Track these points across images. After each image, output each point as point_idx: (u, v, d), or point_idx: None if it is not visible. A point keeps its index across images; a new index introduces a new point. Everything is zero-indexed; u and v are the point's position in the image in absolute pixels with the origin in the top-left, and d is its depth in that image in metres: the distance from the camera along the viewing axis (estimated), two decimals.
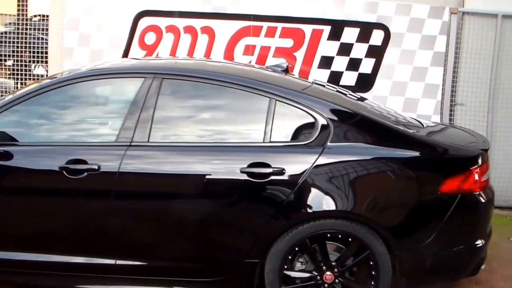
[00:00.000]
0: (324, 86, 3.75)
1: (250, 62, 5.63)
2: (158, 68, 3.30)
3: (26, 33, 6.04)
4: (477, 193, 3.20)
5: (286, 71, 3.79)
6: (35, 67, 6.24)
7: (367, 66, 5.67)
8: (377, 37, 5.63)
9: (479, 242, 3.26)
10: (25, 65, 6.10)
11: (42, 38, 6.13)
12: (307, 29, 5.65)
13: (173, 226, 3.09)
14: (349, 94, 3.66)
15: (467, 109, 5.68)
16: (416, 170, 3.14)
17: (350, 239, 3.04)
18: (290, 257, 3.07)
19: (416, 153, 3.16)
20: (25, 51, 6.05)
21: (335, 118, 3.13)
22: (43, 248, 3.14)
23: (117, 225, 3.08)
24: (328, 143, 3.08)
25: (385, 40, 5.62)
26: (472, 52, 5.59)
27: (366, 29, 5.62)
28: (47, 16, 6.11)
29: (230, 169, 3.03)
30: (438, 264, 3.18)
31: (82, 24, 5.70)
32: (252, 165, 3.01)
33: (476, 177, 3.18)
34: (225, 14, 5.66)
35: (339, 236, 3.05)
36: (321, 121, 3.11)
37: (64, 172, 3.02)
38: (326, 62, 5.67)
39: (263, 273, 3.10)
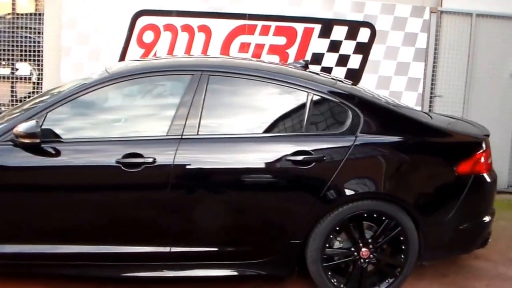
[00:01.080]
0: (342, 81, 4.06)
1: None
2: (204, 65, 3.51)
3: (13, 32, 6.02)
4: (485, 174, 3.62)
5: (306, 67, 4.09)
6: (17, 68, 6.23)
7: (354, 62, 6.06)
8: (363, 34, 6.02)
9: (487, 218, 3.69)
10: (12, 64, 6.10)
11: (28, 37, 6.12)
12: (299, 27, 5.97)
13: (227, 213, 3.32)
14: (367, 89, 4.00)
15: (445, 100, 6.18)
16: (437, 154, 3.53)
17: (383, 218, 3.39)
18: (331, 236, 3.38)
19: (437, 140, 3.56)
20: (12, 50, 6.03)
21: (365, 110, 3.46)
22: (97, 240, 3.28)
23: (173, 214, 3.27)
24: (359, 132, 3.41)
25: (371, 37, 6.03)
26: (450, 48, 6.10)
27: (353, 27, 6.00)
28: (34, 14, 6.12)
29: (277, 157, 3.30)
30: (456, 238, 3.59)
31: (80, 22, 5.77)
32: (296, 153, 3.29)
33: (483, 160, 3.60)
34: (221, 13, 5.88)
35: (374, 215, 3.39)
36: (353, 112, 3.43)
37: (121, 166, 3.19)
38: (317, 58, 6.01)
39: (304, 252, 3.40)
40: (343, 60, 6.04)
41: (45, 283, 3.48)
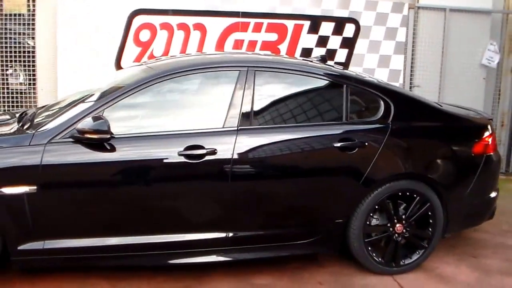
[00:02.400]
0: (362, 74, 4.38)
1: None
2: (250, 61, 3.71)
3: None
4: (492, 154, 4.08)
5: (324, 61, 4.39)
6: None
7: (341, 55, 6.42)
8: (349, 30, 6.40)
9: (494, 194, 4.16)
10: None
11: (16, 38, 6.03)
12: (290, 24, 6.25)
13: (281, 198, 3.57)
14: (385, 82, 4.35)
15: (422, 89, 6.66)
16: (456, 137, 3.95)
17: (415, 195, 3.76)
18: (371, 215, 3.71)
19: (455, 125, 3.99)
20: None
21: (395, 99, 3.82)
22: (158, 230, 3.43)
23: (232, 202, 3.47)
24: (391, 120, 3.75)
25: (356, 32, 6.41)
26: (426, 41, 6.59)
27: (339, 23, 6.36)
28: (20, 15, 6.03)
29: (325, 145, 3.59)
30: (472, 211, 4.03)
31: (77, 22, 5.74)
32: (341, 140, 3.60)
33: (490, 141, 4.06)
34: (215, 11, 6.04)
35: (407, 194, 3.75)
36: (384, 101, 3.78)
37: (184, 158, 3.35)
38: (306, 53, 6.30)
39: (346, 231, 3.71)
40: (330, 54, 6.36)
41: (101, 275, 3.60)
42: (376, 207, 3.71)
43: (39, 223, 3.27)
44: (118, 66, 5.94)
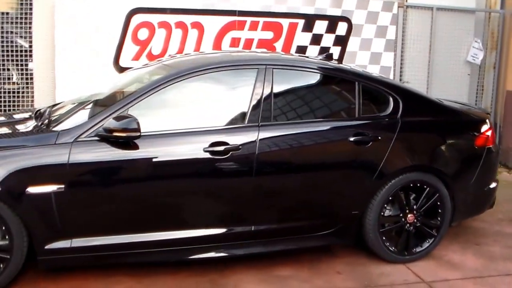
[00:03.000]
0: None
1: None
2: (268, 59, 3.82)
3: None
4: (492, 146, 4.30)
5: (330, 58, 4.53)
6: None
7: (334, 53, 6.54)
8: (342, 28, 6.57)
9: (494, 184, 4.38)
10: None
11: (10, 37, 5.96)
12: (285, 22, 6.38)
13: (302, 191, 3.69)
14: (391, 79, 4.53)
15: (411, 85, 6.80)
16: (461, 131, 4.16)
17: (425, 186, 3.94)
18: (385, 206, 3.87)
19: (460, 119, 4.20)
20: None
21: (402, 96, 3.99)
22: (184, 226, 3.50)
23: (256, 196, 3.57)
24: (400, 115, 3.92)
25: (348, 30, 6.58)
26: (414, 39, 6.83)
27: (333, 21, 6.52)
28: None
29: (341, 139, 3.74)
30: (475, 201, 4.24)
31: (75, 21, 5.72)
32: (355, 134, 3.74)
33: (490, 134, 4.28)
34: (212, 10, 6.12)
35: (418, 185, 3.93)
36: (394, 98, 3.95)
37: (209, 154, 3.43)
38: (301, 51, 6.45)
39: (361, 222, 3.86)
40: (324, 52, 6.49)
41: (124, 273, 3.65)
42: (390, 198, 3.87)
43: (67, 221, 3.30)
44: (117, 64, 5.95)
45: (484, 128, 4.23)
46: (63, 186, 3.23)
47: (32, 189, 3.20)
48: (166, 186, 3.45)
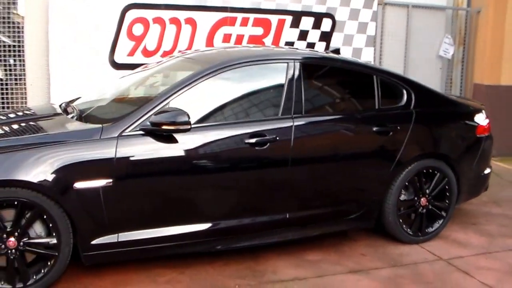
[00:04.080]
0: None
1: None
2: (295, 54, 4.00)
3: None
4: (488, 135, 4.69)
5: (338, 53, 4.78)
6: None
7: (319, 48, 6.84)
8: (326, 24, 6.84)
9: (489, 170, 4.78)
10: None
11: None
12: (274, 19, 6.58)
13: (332, 179, 3.92)
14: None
15: None
16: (465, 121, 4.51)
17: (436, 172, 4.26)
18: (401, 191, 4.16)
19: (462, 110, 4.56)
20: None
21: (414, 88, 4.31)
22: (223, 216, 3.63)
23: (292, 185, 3.75)
24: (413, 106, 4.23)
25: (332, 27, 6.86)
26: (392, 35, 7.22)
27: (318, 18, 6.78)
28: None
29: (366, 130, 3.99)
30: (475, 184, 4.62)
31: (69, 17, 5.65)
32: (378, 125, 4.00)
33: (487, 124, 4.67)
34: (205, 6, 6.22)
35: (430, 171, 4.24)
36: (407, 90, 4.25)
37: (250, 146, 3.58)
38: (289, 46, 6.67)
39: (382, 206, 4.13)
40: (310, 47, 6.78)
41: (163, 265, 3.73)
42: (406, 184, 4.17)
43: (114, 216, 3.35)
44: (112, 60, 5.93)
45: (483, 118, 4.61)
46: (111, 180, 3.27)
47: (80, 185, 3.23)
48: (209, 178, 3.56)
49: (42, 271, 3.26)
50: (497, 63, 7.24)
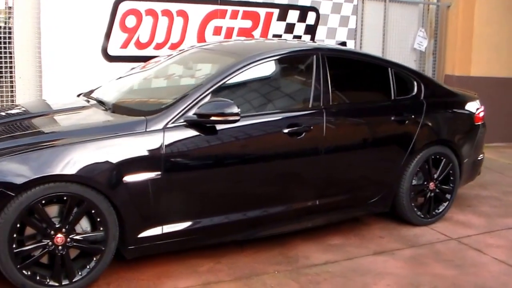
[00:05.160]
0: None
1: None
2: (320, 48, 4.13)
3: None
4: (483, 123, 5.02)
5: (344, 45, 4.96)
6: None
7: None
8: (311, 18, 7.01)
9: (482, 155, 5.12)
10: None
11: None
12: (262, 12, 6.67)
13: (358, 166, 4.10)
14: None
15: None
16: (466, 110, 4.81)
17: (442, 158, 4.54)
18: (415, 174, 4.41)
19: (464, 100, 4.85)
20: None
21: (423, 80, 4.58)
22: (261, 204, 3.73)
23: (323, 173, 3.90)
24: (423, 97, 4.48)
25: (316, 20, 7.04)
26: (371, 28, 7.49)
27: (303, 11, 6.94)
28: None
29: (387, 120, 4.22)
30: (472, 169, 4.94)
31: (62, 9, 5.50)
32: (396, 115, 4.22)
33: (482, 112, 4.99)
34: None
35: (437, 156, 4.51)
36: (417, 81, 4.50)
37: (287, 136, 3.68)
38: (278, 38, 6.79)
39: (396, 190, 4.35)
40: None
41: (197, 255, 3.78)
42: (418, 169, 4.41)
43: (161, 208, 3.36)
44: (105, 52, 5.83)
45: (478, 107, 4.94)
46: (159, 173, 3.29)
47: (129, 178, 3.22)
48: (250, 168, 3.65)
49: (88, 266, 3.23)
50: (467, 56, 7.69)
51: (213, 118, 3.35)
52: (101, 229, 3.21)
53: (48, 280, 3.13)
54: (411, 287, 3.48)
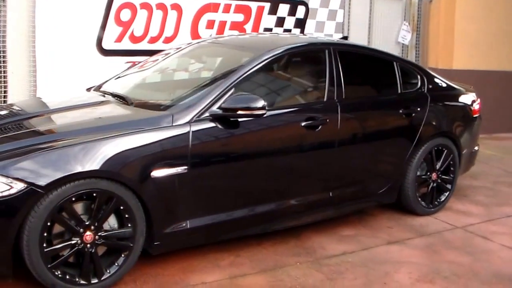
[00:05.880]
0: None
1: (210, 35, 6.38)
2: (331, 42, 4.20)
3: None
4: (479, 115, 5.20)
5: (346, 38, 5.04)
6: None
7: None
8: (301, 12, 7.07)
9: (477, 147, 5.31)
10: None
11: None
12: (253, 5, 6.68)
13: (369, 158, 4.20)
14: None
15: None
16: (465, 103, 4.96)
17: (444, 149, 4.68)
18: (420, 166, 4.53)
19: (463, 93, 5.00)
20: None
21: (425, 73, 4.70)
22: (279, 197, 3.77)
23: (338, 165, 3.97)
24: (426, 90, 4.61)
25: (306, 14, 7.11)
26: (357, 22, 7.61)
27: (293, 5, 6.99)
28: None
29: (396, 112, 4.30)
30: (468, 160, 5.11)
31: (56, 3, 5.37)
32: (404, 108, 4.33)
33: (478, 105, 5.16)
34: None
35: (439, 148, 4.64)
36: (420, 75, 4.62)
37: (305, 129, 3.73)
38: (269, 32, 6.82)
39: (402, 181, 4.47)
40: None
41: (218, 249, 3.79)
42: (422, 160, 4.54)
43: (187, 203, 3.36)
44: (100, 46, 5.73)
45: (475, 99, 5.11)
46: (186, 167, 3.28)
47: (157, 173, 3.20)
48: (273, 161, 3.68)
49: (116, 264, 3.20)
50: (449, 49, 7.91)
51: (240, 112, 3.36)
52: (129, 225, 3.18)
53: (77, 279, 3.08)
54: (432, 275, 3.60)
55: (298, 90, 3.96)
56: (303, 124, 3.73)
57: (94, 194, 3.04)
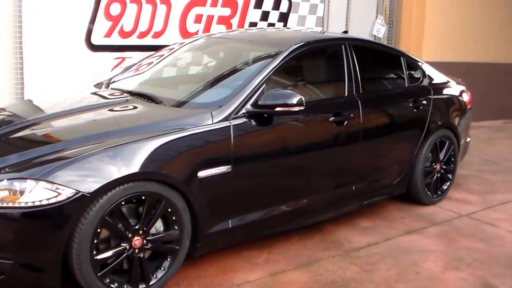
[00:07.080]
0: None
1: (197, 31, 6.31)
2: (344, 38, 4.25)
3: None
4: (470, 107, 5.43)
5: (346, 33, 5.13)
6: None
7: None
8: (284, 6, 7.08)
9: (469, 138, 5.56)
10: None
11: None
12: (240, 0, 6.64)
13: (388, 150, 4.33)
14: None
15: None
16: (460, 95, 5.17)
17: (446, 140, 4.86)
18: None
19: (458, 85, 5.20)
20: None
21: (426, 68, 4.85)
22: (312, 192, 3.82)
23: (361, 158, 4.05)
24: (428, 84, 4.78)
25: (289, 8, 7.13)
26: (335, 16, 7.71)
27: (277, 0, 7.00)
28: None
29: (407, 105, 4.45)
30: (464, 150, 5.35)
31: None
32: (413, 101, 4.47)
33: (469, 96, 5.40)
34: None
35: (443, 139, 4.82)
36: (421, 69, 4.78)
37: (334, 124, 3.78)
38: (252, 26, 6.79)
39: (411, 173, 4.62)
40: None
41: (251, 247, 3.77)
42: (429, 151, 4.71)
43: (230, 202, 3.33)
44: (88, 41, 5.51)
45: (466, 91, 5.34)
46: (230, 166, 3.24)
47: (203, 173, 3.14)
48: (308, 157, 3.72)
49: (163, 268, 3.12)
50: (419, 41, 8.19)
51: (278, 109, 3.34)
52: (176, 227, 3.11)
53: (126, 286, 2.98)
54: (456, 262, 3.75)
55: (322, 85, 4.01)
56: (331, 119, 3.78)
57: (143, 197, 2.95)
